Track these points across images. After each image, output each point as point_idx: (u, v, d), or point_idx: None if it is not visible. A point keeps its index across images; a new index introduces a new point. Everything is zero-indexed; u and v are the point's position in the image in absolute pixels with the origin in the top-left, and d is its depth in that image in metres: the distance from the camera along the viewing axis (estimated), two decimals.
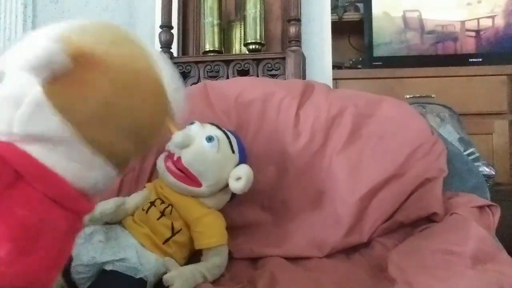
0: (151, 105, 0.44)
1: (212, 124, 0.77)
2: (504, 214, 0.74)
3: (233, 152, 0.74)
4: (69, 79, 0.39)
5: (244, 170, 0.71)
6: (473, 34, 1.88)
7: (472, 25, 1.88)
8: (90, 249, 0.63)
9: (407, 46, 1.92)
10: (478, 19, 1.87)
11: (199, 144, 0.71)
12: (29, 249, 0.38)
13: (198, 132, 0.73)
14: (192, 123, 0.75)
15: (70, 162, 0.40)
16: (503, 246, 0.67)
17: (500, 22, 1.86)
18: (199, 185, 0.71)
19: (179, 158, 0.71)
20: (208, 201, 0.73)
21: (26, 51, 0.38)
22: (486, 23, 1.87)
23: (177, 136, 0.69)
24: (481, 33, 1.88)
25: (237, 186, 0.71)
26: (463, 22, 1.88)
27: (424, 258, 0.61)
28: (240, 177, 0.71)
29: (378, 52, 1.92)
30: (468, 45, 1.88)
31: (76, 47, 0.39)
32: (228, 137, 0.75)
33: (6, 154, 0.38)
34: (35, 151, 0.39)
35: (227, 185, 0.73)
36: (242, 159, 0.75)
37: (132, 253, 0.64)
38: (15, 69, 0.39)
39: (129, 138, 0.43)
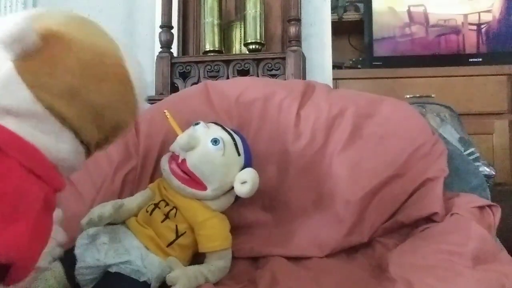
0: (116, 87, 0.47)
1: (217, 124, 0.76)
2: (505, 214, 0.74)
3: (239, 154, 0.73)
4: (39, 56, 0.42)
5: (249, 174, 0.70)
6: (475, 28, 1.90)
7: (473, 18, 1.90)
8: (94, 251, 0.63)
9: (411, 40, 1.94)
10: (479, 12, 1.89)
11: (204, 146, 0.70)
12: (13, 218, 0.40)
13: (203, 133, 0.71)
14: (196, 124, 0.74)
15: (41, 134, 0.43)
16: (504, 246, 0.67)
17: (499, 16, 1.89)
18: (204, 188, 0.70)
19: (183, 160, 0.70)
20: (212, 204, 0.72)
21: (0, 28, 0.40)
22: (486, 17, 1.90)
23: (182, 138, 0.69)
24: (482, 26, 1.90)
25: (242, 190, 0.69)
26: (465, 16, 1.90)
27: (425, 258, 0.61)
28: (245, 181, 0.69)
29: (382, 46, 1.94)
30: (470, 39, 1.90)
31: (46, 26, 0.42)
32: (233, 139, 0.73)
33: None
34: (9, 123, 0.42)
35: (232, 188, 0.71)
36: (248, 161, 0.74)
37: (136, 255, 0.63)
38: None
39: (94, 120, 0.46)
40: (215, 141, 0.70)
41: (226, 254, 0.71)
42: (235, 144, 0.73)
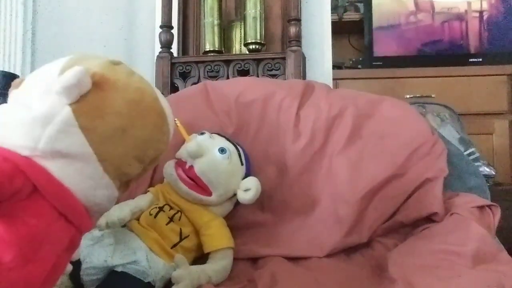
0: (156, 121, 0.49)
1: (220, 135, 0.80)
2: (504, 214, 0.74)
3: (242, 163, 0.77)
4: (90, 99, 0.44)
5: (253, 182, 0.74)
6: (477, 15, 1.94)
7: (476, 6, 1.94)
8: (101, 252, 0.64)
9: (415, 28, 1.96)
10: (481, 0, 1.93)
11: (212, 154, 0.74)
12: (32, 258, 0.41)
13: (210, 142, 0.75)
14: (202, 133, 0.77)
15: (82, 178, 0.44)
16: (504, 246, 0.67)
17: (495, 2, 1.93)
18: (210, 194, 0.73)
19: (191, 167, 0.73)
20: (215, 209, 0.75)
21: (61, 77, 0.43)
22: (488, 5, 1.93)
23: (192, 146, 0.72)
24: (484, 13, 1.92)
25: (245, 197, 0.73)
26: (469, 3, 1.94)
27: (425, 258, 0.61)
28: (249, 189, 0.73)
29: (387, 34, 1.97)
30: (473, 26, 1.94)
31: (95, 70, 0.45)
32: (237, 149, 0.78)
33: (26, 169, 0.41)
34: (53, 166, 0.43)
35: (234, 195, 0.75)
36: (248, 171, 0.78)
37: (142, 256, 0.64)
38: (41, 93, 0.44)
39: (136, 158, 0.48)
40: (222, 150, 0.74)
41: (229, 254, 0.73)
42: (239, 154, 0.77)
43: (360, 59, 2.10)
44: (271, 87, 0.91)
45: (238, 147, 0.79)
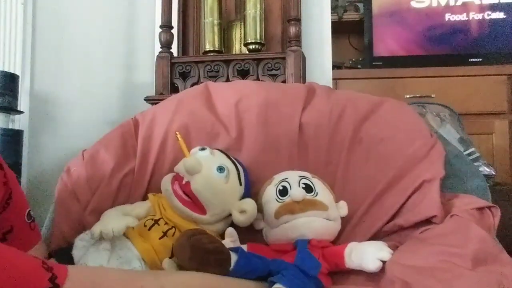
0: None
1: (222, 151, 0.78)
2: (504, 215, 0.74)
3: (241, 184, 0.75)
4: None
5: (250, 205, 0.72)
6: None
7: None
8: (97, 256, 0.64)
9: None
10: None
11: (209, 172, 0.71)
12: None
13: (209, 159, 0.73)
14: (203, 149, 0.75)
15: None
16: (503, 247, 0.66)
17: None
18: (204, 212, 0.72)
19: (187, 183, 0.71)
20: (209, 228, 0.73)
21: None
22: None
23: (189, 161, 0.70)
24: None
25: (240, 218, 0.72)
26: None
27: (425, 260, 0.61)
28: (244, 211, 0.71)
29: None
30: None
31: None
32: (237, 169, 0.75)
33: None
34: None
35: (229, 215, 0.73)
36: (247, 192, 0.76)
37: (136, 266, 0.64)
38: None
39: None
40: (220, 169, 0.72)
41: None
42: (238, 174, 0.75)
43: (360, 59, 2.10)
44: (273, 93, 0.91)
45: (239, 166, 0.77)
